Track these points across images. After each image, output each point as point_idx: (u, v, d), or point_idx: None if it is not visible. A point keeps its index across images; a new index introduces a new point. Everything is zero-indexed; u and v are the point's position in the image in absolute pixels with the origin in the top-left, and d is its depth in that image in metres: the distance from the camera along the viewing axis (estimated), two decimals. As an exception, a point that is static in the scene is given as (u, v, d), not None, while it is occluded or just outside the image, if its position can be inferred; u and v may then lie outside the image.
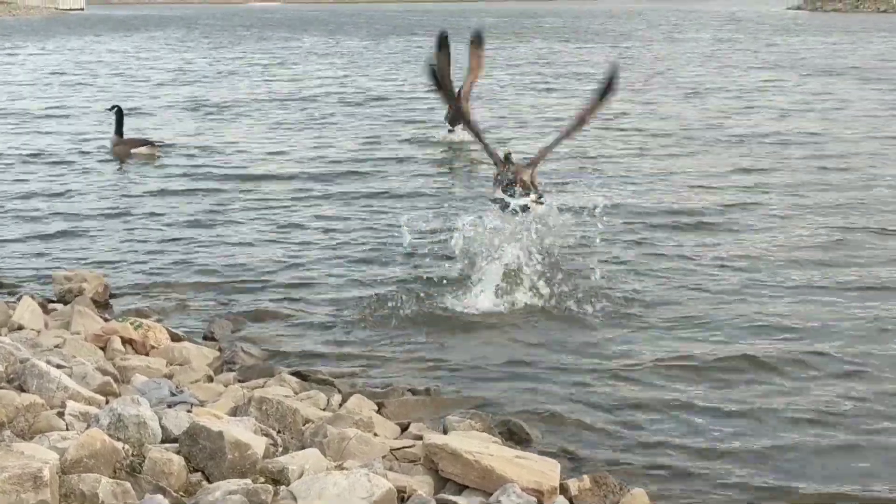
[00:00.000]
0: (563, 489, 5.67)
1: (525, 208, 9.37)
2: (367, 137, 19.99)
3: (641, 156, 17.58)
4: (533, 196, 9.40)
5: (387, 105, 25.33)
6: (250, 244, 11.88)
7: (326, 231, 12.40)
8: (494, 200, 9.56)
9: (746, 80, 30.89)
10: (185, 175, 16.21)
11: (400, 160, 17.41)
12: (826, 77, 30.99)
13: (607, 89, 9.60)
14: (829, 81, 29.77)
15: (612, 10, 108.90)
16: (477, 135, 9.94)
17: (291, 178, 15.84)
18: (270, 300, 9.81)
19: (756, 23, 74.06)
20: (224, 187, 15.16)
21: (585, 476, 5.94)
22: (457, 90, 13.04)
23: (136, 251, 11.63)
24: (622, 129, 20.58)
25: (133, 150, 17.83)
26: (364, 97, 27.04)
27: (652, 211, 13.28)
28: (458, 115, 14.67)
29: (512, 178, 9.37)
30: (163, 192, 14.90)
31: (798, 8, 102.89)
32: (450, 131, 18.96)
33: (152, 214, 13.46)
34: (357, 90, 28.81)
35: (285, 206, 13.82)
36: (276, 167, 16.82)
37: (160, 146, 18.27)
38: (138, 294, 10.03)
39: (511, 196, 9.35)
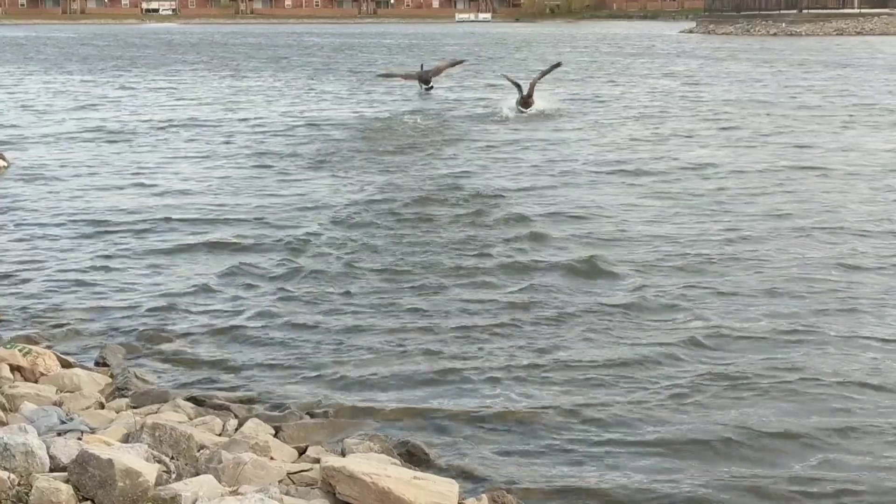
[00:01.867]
0: (462, 509, 5.66)
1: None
2: (259, 164, 19.60)
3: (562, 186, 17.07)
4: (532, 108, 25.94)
5: (276, 134, 24.33)
6: (143, 268, 11.67)
7: (220, 255, 12.21)
8: (517, 109, 25.84)
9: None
10: (72, 199, 15.87)
11: (294, 182, 17.31)
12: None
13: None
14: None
15: (510, 33, 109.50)
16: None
17: (183, 201, 15.59)
18: (164, 325, 9.64)
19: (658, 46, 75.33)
20: (114, 213, 14.82)
21: (484, 495, 5.95)
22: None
23: (25, 276, 11.32)
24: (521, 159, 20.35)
25: None
26: (255, 125, 26.18)
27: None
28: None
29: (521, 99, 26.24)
30: (52, 217, 14.56)
31: (691, 31, 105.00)
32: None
33: (41, 239, 13.13)
34: (248, 118, 27.96)
35: (178, 231, 13.56)
36: (165, 191, 16.53)
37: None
38: (27, 320, 9.78)
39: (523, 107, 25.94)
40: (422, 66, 32.76)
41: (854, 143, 21.77)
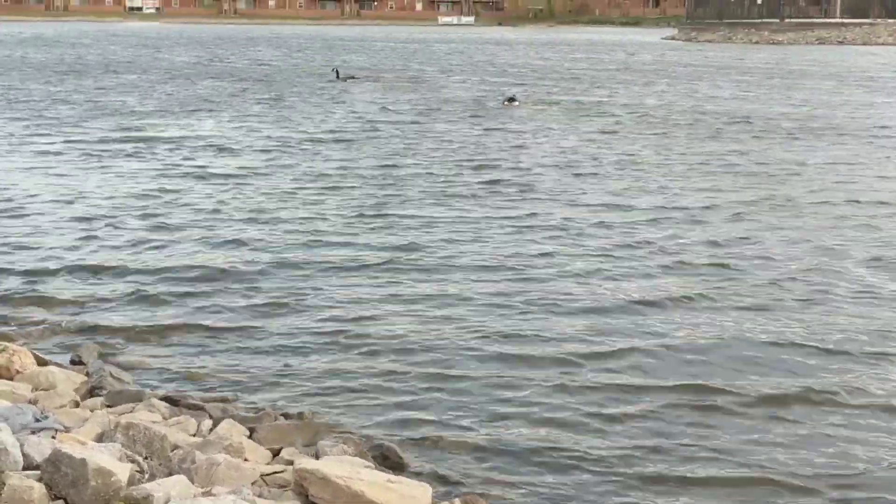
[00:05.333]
0: (434, 512, 5.69)
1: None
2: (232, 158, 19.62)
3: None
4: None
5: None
6: (116, 267, 11.59)
7: (197, 255, 12.14)
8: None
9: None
10: (42, 195, 15.82)
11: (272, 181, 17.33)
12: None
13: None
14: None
15: (499, 38, 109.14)
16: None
17: (161, 199, 15.57)
18: (140, 324, 9.62)
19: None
20: (89, 207, 14.74)
21: (457, 499, 5.98)
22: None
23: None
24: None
25: None
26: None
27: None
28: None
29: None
30: (25, 209, 14.50)
31: (673, 38, 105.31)
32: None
33: (12, 234, 13.04)
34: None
35: (153, 229, 13.47)
36: (138, 191, 16.48)
37: None
38: (3, 317, 9.73)
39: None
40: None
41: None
